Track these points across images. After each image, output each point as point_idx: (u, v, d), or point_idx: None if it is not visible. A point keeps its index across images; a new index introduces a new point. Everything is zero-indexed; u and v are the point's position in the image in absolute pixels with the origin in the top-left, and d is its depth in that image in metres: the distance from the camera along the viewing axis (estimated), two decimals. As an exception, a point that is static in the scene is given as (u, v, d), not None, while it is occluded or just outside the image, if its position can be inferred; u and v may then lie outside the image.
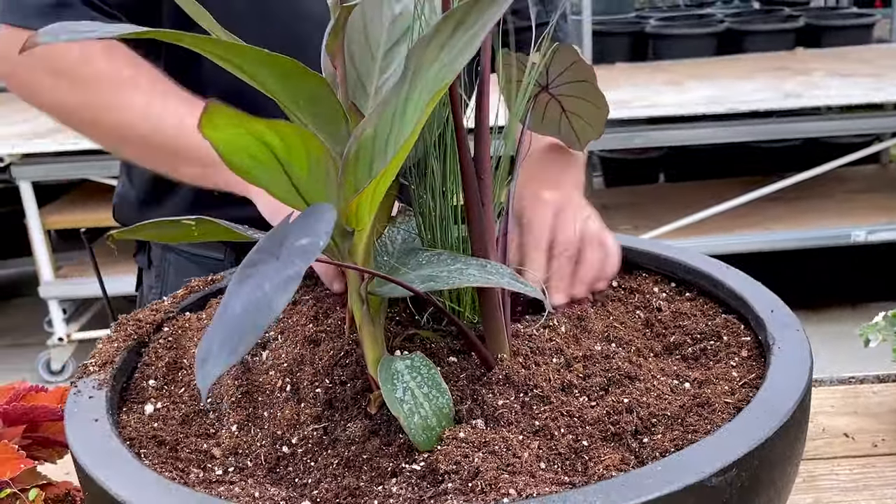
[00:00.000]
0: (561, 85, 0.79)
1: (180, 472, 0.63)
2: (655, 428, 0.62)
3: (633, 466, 0.59)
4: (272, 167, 0.54)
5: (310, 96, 0.58)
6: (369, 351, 0.66)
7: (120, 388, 0.72)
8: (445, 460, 0.59)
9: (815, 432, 0.92)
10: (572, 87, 0.79)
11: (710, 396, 0.63)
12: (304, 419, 0.67)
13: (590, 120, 0.81)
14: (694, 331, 0.74)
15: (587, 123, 0.81)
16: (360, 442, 0.65)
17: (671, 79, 3.21)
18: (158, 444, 0.66)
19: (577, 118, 0.80)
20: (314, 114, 0.60)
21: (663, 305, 0.79)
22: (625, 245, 0.86)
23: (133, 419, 0.68)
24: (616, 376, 0.67)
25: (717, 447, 0.54)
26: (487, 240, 0.67)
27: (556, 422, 0.63)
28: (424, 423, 0.62)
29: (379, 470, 0.63)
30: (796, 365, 0.61)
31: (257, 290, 0.49)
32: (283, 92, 0.58)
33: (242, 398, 0.70)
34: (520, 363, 0.67)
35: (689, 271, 0.80)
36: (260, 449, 0.66)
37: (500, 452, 0.60)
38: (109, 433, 0.61)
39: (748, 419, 0.56)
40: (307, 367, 0.71)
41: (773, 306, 0.70)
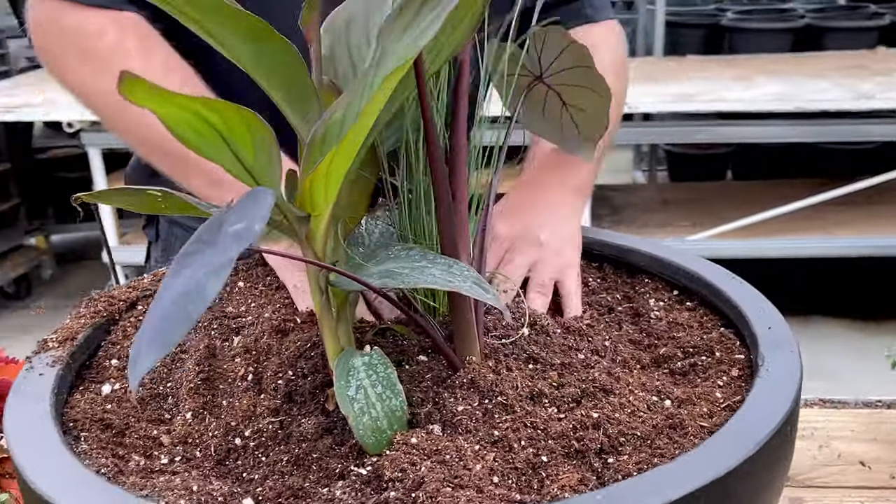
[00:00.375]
0: (556, 73, 0.73)
1: (119, 458, 0.60)
2: (623, 448, 0.57)
3: (593, 488, 0.54)
4: (217, 143, 0.51)
5: (278, 66, 0.55)
6: (329, 344, 0.62)
7: (78, 367, 0.69)
8: (391, 466, 0.55)
9: (830, 458, 0.86)
10: (569, 74, 0.73)
11: (685, 418, 0.57)
12: (261, 411, 0.64)
13: (593, 111, 0.74)
14: (687, 344, 0.68)
15: (590, 115, 0.74)
16: (311, 440, 0.61)
17: (741, 74, 3.09)
18: (104, 428, 0.63)
19: (578, 111, 0.74)
20: (283, 83, 0.56)
21: (661, 314, 0.73)
22: (629, 247, 0.81)
23: (85, 399, 0.66)
24: (591, 388, 0.62)
25: (677, 475, 0.49)
26: (459, 238, 0.62)
27: (518, 433, 0.58)
28: (375, 425, 0.58)
29: (327, 471, 0.59)
30: (780, 390, 0.55)
31: (190, 279, 0.46)
32: (247, 56, 0.54)
33: (202, 385, 0.68)
34: (489, 367, 0.63)
35: (691, 279, 0.74)
36: (211, 439, 0.63)
37: (450, 462, 0.56)
38: (46, 414, 0.59)
39: (715, 447, 0.51)
40: (273, 357, 0.68)
41: (772, 322, 0.64)
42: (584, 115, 0.75)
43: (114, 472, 0.58)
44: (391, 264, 0.60)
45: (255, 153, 0.50)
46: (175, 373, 0.70)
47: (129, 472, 0.59)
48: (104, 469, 0.57)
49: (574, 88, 0.73)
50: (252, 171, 0.52)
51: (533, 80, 0.74)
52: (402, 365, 0.66)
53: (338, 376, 0.59)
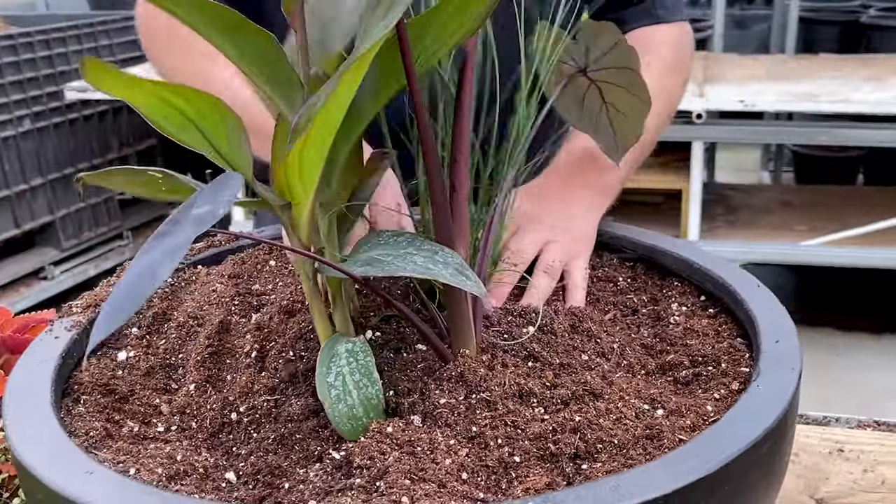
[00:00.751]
0: (602, 70, 0.71)
1: (113, 423, 0.62)
2: (598, 455, 0.55)
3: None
4: (191, 130, 0.52)
5: (257, 55, 0.55)
6: (319, 329, 0.63)
7: (100, 332, 0.72)
8: (361, 454, 0.55)
9: (873, 484, 0.81)
10: (614, 73, 0.71)
11: (664, 429, 0.55)
12: (259, 388, 0.65)
13: (631, 115, 0.72)
14: (696, 353, 0.65)
15: (627, 120, 0.72)
16: (297, 420, 0.62)
17: (874, 74, 2.92)
18: (107, 393, 0.65)
19: (616, 113, 0.72)
20: (267, 75, 0.57)
21: (680, 319, 0.71)
22: (662, 248, 0.78)
23: (98, 364, 0.68)
24: (580, 391, 0.60)
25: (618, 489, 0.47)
26: (457, 227, 0.61)
27: (496, 431, 0.57)
28: (350, 412, 0.58)
29: (306, 452, 0.60)
30: (762, 409, 0.52)
31: (149, 259, 0.48)
32: (228, 47, 0.55)
33: (209, 358, 0.69)
34: (483, 362, 0.62)
35: (716, 285, 0.71)
36: (208, 412, 0.65)
37: (419, 455, 0.55)
38: (46, 376, 0.62)
39: (669, 463, 0.48)
40: (279, 337, 0.69)
41: (781, 336, 0.61)
42: (620, 118, 0.73)
43: (101, 436, 0.60)
44: (377, 251, 0.59)
45: (228, 140, 0.51)
46: (188, 344, 0.72)
47: (118, 437, 0.61)
48: (92, 431, 0.59)
49: (616, 89, 0.72)
50: (227, 157, 0.52)
51: (577, 71, 0.72)
52: (400, 352, 0.66)
53: (320, 362, 0.60)
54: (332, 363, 0.59)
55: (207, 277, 0.81)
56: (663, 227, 2.93)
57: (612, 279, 0.79)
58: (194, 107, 0.49)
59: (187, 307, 0.76)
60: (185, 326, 0.73)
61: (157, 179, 0.62)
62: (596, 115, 0.72)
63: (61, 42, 3.68)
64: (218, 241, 0.86)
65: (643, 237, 0.80)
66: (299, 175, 0.54)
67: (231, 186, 0.50)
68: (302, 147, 0.51)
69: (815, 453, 0.86)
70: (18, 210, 3.53)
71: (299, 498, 0.55)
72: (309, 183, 0.55)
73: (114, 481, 0.50)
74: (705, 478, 0.47)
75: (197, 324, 0.74)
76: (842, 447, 0.86)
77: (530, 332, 0.66)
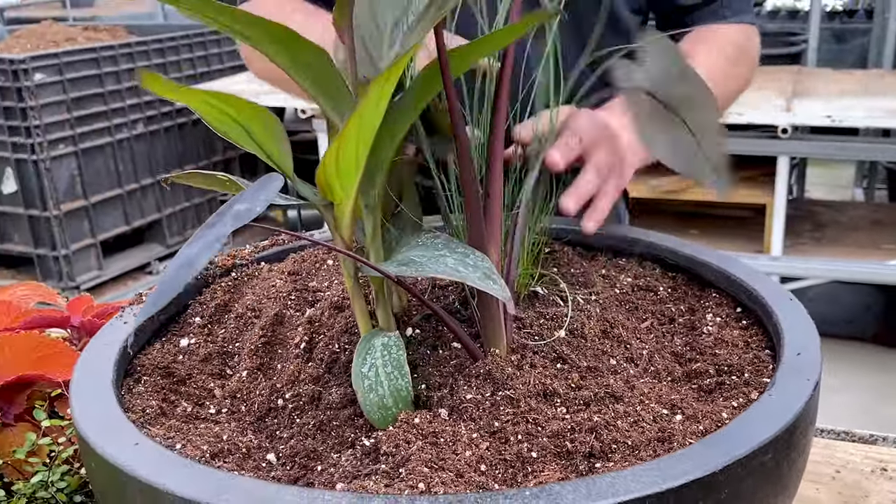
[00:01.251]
0: (663, 86, 0.71)
1: (168, 403, 0.68)
2: (612, 455, 0.58)
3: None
4: (240, 132, 0.57)
5: (307, 66, 0.60)
6: (361, 323, 0.67)
7: (165, 320, 0.78)
8: (388, 442, 0.59)
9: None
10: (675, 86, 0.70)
11: (677, 433, 0.57)
12: (304, 377, 0.70)
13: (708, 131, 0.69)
14: (723, 363, 0.67)
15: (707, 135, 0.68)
16: (336, 408, 0.66)
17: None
18: (167, 375, 0.71)
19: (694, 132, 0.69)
20: (316, 84, 0.61)
21: (713, 330, 0.72)
22: (702, 260, 0.80)
23: (161, 349, 0.74)
24: (602, 393, 0.63)
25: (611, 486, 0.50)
26: (488, 232, 0.65)
27: (516, 427, 0.60)
28: (381, 402, 0.62)
29: (341, 438, 0.64)
30: (770, 417, 0.54)
31: (192, 250, 0.52)
32: (281, 58, 0.60)
33: (262, 348, 0.74)
34: (511, 361, 0.65)
35: (751, 297, 0.73)
36: (257, 397, 0.70)
37: (442, 446, 0.59)
38: (111, 356, 0.67)
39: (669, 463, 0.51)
40: (327, 331, 0.74)
41: (804, 349, 0.62)
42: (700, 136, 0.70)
43: (155, 413, 0.65)
44: (414, 252, 0.63)
45: (271, 142, 0.56)
46: (244, 334, 0.77)
47: (171, 416, 0.66)
48: (148, 409, 0.65)
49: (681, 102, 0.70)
50: (271, 156, 0.57)
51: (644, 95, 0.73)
52: (436, 349, 0.69)
53: (357, 354, 0.64)
54: (368, 355, 0.63)
55: (269, 273, 0.86)
56: (747, 241, 2.90)
57: (652, 288, 0.81)
58: (241, 114, 0.54)
59: (247, 300, 0.81)
60: (243, 317, 0.79)
61: (225, 181, 0.68)
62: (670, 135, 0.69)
63: (174, 51, 3.87)
64: (282, 240, 0.91)
65: (685, 248, 0.82)
66: (337, 176, 0.58)
67: (270, 188, 0.54)
68: (337, 149, 0.56)
69: (856, 471, 0.86)
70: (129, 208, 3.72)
71: (328, 480, 0.59)
72: (348, 184, 0.59)
73: (157, 453, 0.55)
74: (701, 479, 0.49)
75: (254, 315, 0.79)
76: (885, 466, 0.86)
77: (560, 335, 0.69)
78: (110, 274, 3.67)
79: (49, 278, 3.46)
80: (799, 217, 3.11)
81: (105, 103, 3.57)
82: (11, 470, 0.72)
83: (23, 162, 3.38)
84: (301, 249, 0.91)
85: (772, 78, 3.05)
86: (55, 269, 3.49)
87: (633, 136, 0.81)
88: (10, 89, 3.29)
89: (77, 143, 3.48)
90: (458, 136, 0.61)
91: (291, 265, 0.87)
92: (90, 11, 6.03)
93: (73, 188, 3.49)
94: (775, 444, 0.53)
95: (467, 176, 0.62)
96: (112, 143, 3.61)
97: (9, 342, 0.74)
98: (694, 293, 0.80)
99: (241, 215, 0.52)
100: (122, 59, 3.62)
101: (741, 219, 3.10)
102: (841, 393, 2.59)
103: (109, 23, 4.49)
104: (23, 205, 3.47)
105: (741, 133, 2.71)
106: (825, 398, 0.63)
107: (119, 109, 3.63)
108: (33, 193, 3.42)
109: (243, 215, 0.52)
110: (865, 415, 2.56)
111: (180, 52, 3.92)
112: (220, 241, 0.51)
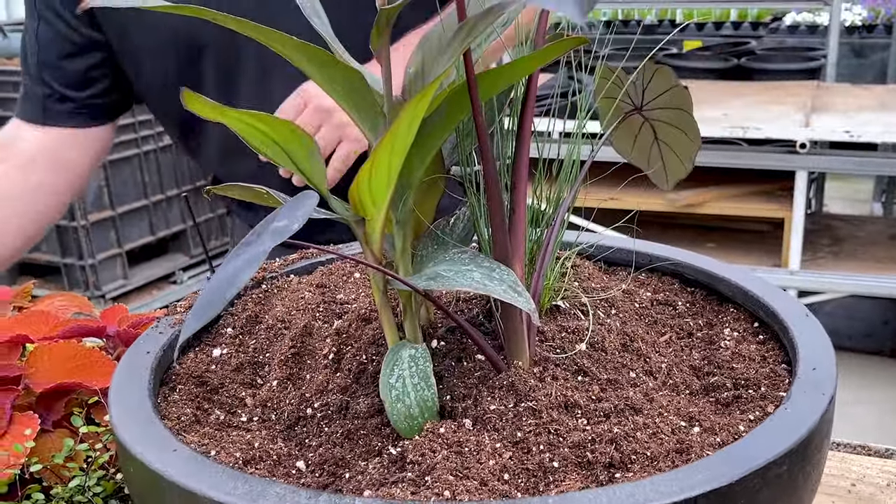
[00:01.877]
0: (656, 109, 0.76)
1: (202, 411, 0.70)
2: (632, 465, 0.60)
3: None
4: (276, 149, 0.59)
5: (345, 86, 0.63)
6: (388, 336, 0.69)
7: (199, 330, 0.80)
8: (414, 451, 0.61)
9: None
10: (667, 113, 0.75)
11: (694, 444, 0.59)
12: (332, 387, 0.72)
13: (681, 154, 0.77)
14: (741, 376, 0.69)
15: (678, 157, 0.77)
16: (363, 417, 0.68)
17: None
18: (200, 384, 0.73)
19: (668, 150, 0.77)
20: (353, 104, 0.64)
21: (731, 344, 0.74)
22: (721, 275, 0.81)
23: (195, 358, 0.77)
24: (622, 405, 0.65)
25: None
26: (513, 246, 0.67)
27: (539, 438, 0.62)
28: (408, 412, 0.64)
29: (368, 447, 0.66)
30: (785, 430, 0.56)
31: (233, 266, 0.55)
32: (319, 78, 0.62)
33: (291, 358, 0.77)
34: (534, 374, 0.67)
35: (768, 312, 0.74)
36: (287, 406, 0.72)
37: (466, 455, 0.61)
38: (148, 366, 0.70)
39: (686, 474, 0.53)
40: (355, 343, 0.76)
41: (819, 364, 0.64)
42: (671, 154, 0.77)
43: (190, 421, 0.67)
44: (442, 266, 0.65)
45: (305, 159, 0.58)
46: (275, 345, 0.80)
47: (205, 423, 0.69)
48: (183, 417, 0.67)
49: (669, 127, 0.76)
50: (305, 173, 0.60)
51: (632, 110, 0.77)
52: (461, 361, 0.72)
53: (385, 364, 0.66)
54: (395, 366, 0.66)
55: (298, 286, 0.88)
56: (765, 255, 2.91)
57: (671, 303, 0.83)
58: (276, 131, 0.57)
59: (277, 311, 0.83)
60: (273, 329, 0.81)
61: (263, 194, 0.70)
62: (648, 150, 0.77)
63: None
64: (310, 253, 0.94)
65: (703, 264, 0.84)
66: (370, 193, 0.61)
67: (307, 204, 0.57)
68: (370, 167, 0.58)
69: (872, 484, 0.87)
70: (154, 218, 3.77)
71: (356, 487, 0.61)
72: (380, 201, 0.62)
73: (193, 459, 0.57)
74: (718, 489, 0.51)
75: (284, 327, 0.81)
76: (901, 480, 0.88)
77: (581, 348, 0.71)
78: (135, 283, 3.72)
79: (75, 287, 3.51)
80: (817, 231, 3.11)
81: (132, 115, 3.63)
82: (50, 474, 0.74)
83: (49, 173, 3.42)
84: (329, 263, 0.93)
85: (790, 93, 3.06)
86: (81, 279, 3.54)
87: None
88: (37, 101, 3.34)
89: (103, 154, 3.53)
90: (484, 154, 0.64)
91: (320, 278, 0.89)
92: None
93: (101, 199, 3.55)
94: (790, 456, 0.54)
95: (493, 192, 0.65)
96: (139, 154, 3.66)
97: (48, 351, 0.77)
98: (712, 308, 0.81)
99: (280, 232, 0.55)
100: (148, 71, 3.67)
101: (759, 233, 3.10)
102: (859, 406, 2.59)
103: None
104: (49, 215, 3.51)
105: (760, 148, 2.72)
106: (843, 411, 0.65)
107: (146, 121, 3.68)
108: (60, 204, 3.47)
109: (282, 232, 0.55)
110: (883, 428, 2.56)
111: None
112: (262, 258, 0.53)
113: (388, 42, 0.65)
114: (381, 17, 0.63)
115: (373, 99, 0.64)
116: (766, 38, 4.76)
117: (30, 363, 0.77)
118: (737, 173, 2.97)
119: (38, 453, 0.74)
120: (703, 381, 0.70)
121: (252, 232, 0.58)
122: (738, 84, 3.39)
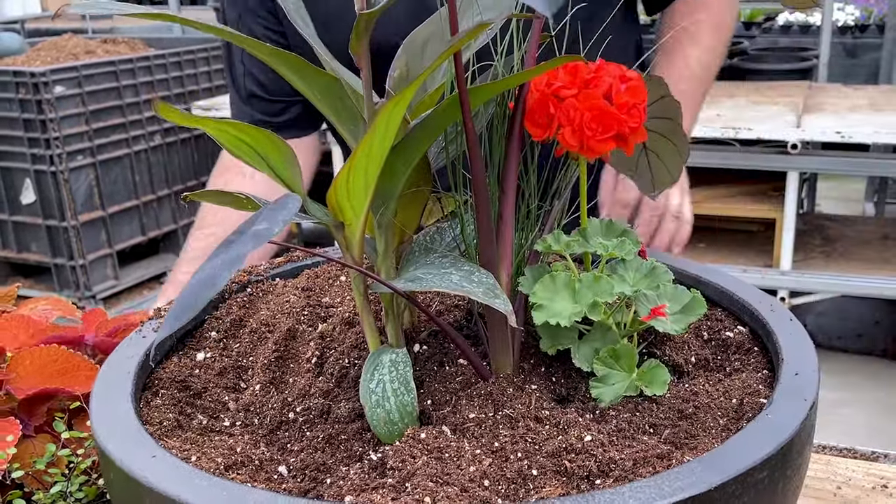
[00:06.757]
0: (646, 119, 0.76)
1: (185, 416, 0.70)
2: (611, 473, 0.59)
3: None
4: (256, 157, 0.59)
5: (323, 91, 0.62)
6: (369, 340, 0.69)
7: (182, 335, 0.80)
8: (394, 456, 0.61)
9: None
10: (657, 122, 0.75)
11: (673, 451, 0.59)
12: (315, 391, 0.72)
13: (668, 163, 0.76)
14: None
15: (665, 166, 0.77)
16: (345, 422, 0.68)
17: None
18: (183, 389, 0.73)
19: (656, 158, 0.76)
20: (331, 108, 0.64)
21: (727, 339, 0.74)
22: (705, 279, 0.81)
23: (179, 363, 0.76)
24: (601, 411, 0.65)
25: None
26: (500, 253, 0.67)
27: (516, 446, 0.62)
28: (387, 417, 0.64)
29: (349, 452, 0.66)
30: (765, 436, 0.56)
31: (211, 268, 0.55)
32: (299, 84, 0.62)
33: (274, 362, 0.76)
34: (515, 383, 0.67)
35: (752, 317, 0.75)
36: (269, 411, 0.72)
37: (447, 461, 0.60)
38: (130, 371, 0.70)
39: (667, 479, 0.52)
40: (338, 346, 0.76)
41: (801, 369, 0.64)
42: (659, 163, 0.77)
43: (172, 426, 0.67)
44: (422, 269, 0.65)
45: (284, 167, 0.58)
46: (259, 348, 0.79)
47: (187, 428, 0.68)
48: (165, 422, 0.67)
49: (657, 136, 0.76)
50: (282, 177, 0.59)
51: None
52: (443, 366, 0.71)
53: (365, 369, 0.66)
54: (376, 371, 0.66)
55: (283, 289, 0.88)
56: (756, 255, 2.91)
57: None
58: (255, 141, 0.57)
59: (261, 315, 0.83)
60: (257, 332, 0.81)
61: (241, 199, 0.70)
62: (637, 159, 0.76)
63: (191, 63, 3.93)
64: (297, 257, 0.94)
65: (691, 268, 0.84)
66: (348, 198, 0.60)
67: (289, 207, 0.56)
68: (348, 172, 0.58)
69: (857, 487, 0.87)
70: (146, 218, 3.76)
71: (337, 493, 0.61)
72: (358, 206, 0.62)
73: (173, 465, 0.57)
74: (697, 496, 0.51)
75: (268, 330, 0.81)
76: (886, 483, 0.88)
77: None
78: (126, 283, 3.72)
79: (66, 287, 3.51)
80: (809, 231, 3.12)
81: (123, 115, 3.63)
82: (32, 480, 0.74)
83: (42, 173, 3.43)
84: (315, 266, 0.93)
85: (783, 93, 3.06)
86: (72, 279, 3.54)
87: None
88: (30, 102, 3.34)
89: (95, 154, 3.53)
90: (473, 161, 0.63)
91: (305, 281, 0.89)
92: (109, 23, 6.11)
93: (91, 199, 3.54)
94: (771, 462, 0.54)
95: (481, 199, 0.64)
96: (129, 154, 3.66)
97: (29, 356, 0.77)
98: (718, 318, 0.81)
99: (262, 234, 0.54)
100: (140, 72, 3.68)
101: (751, 233, 3.11)
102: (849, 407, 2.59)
103: (128, 35, 4.55)
104: (41, 215, 3.52)
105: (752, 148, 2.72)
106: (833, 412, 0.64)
107: (136, 121, 3.68)
108: (51, 204, 3.47)
109: (263, 234, 0.54)
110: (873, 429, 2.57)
111: (198, 65, 3.98)
112: (241, 261, 0.53)
113: (368, 46, 0.65)
114: (359, 22, 0.63)
115: (351, 103, 0.64)
116: (758, 37, 4.77)
117: (11, 368, 0.76)
118: (729, 173, 2.97)
119: (20, 459, 0.73)
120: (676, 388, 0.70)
121: (233, 231, 0.58)
122: (730, 84, 3.39)
